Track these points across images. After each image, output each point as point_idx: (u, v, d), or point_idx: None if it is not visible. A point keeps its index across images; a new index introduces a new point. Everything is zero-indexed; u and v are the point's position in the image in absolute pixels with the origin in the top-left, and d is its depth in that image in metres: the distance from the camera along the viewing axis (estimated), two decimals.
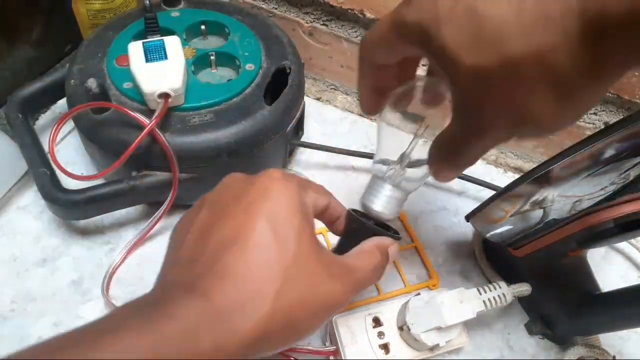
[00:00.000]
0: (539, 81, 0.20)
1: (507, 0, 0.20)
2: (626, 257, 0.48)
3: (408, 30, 0.23)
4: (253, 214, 0.24)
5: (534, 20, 0.19)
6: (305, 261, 0.24)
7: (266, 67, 0.46)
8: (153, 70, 0.39)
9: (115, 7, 0.51)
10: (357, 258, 0.28)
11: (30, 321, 0.39)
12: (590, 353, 0.38)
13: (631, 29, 0.18)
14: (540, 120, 0.21)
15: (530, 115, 0.21)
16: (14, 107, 0.45)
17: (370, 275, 0.28)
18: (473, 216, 0.39)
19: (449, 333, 0.36)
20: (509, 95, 0.21)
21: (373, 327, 0.37)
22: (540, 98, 0.21)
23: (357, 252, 0.29)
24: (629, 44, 0.18)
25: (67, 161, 0.49)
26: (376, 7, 0.49)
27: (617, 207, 0.33)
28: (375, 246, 0.29)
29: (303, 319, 0.23)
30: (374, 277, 0.29)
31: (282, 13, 0.55)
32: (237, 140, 0.41)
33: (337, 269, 0.25)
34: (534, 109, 0.21)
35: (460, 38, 0.21)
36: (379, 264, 0.29)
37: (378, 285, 0.43)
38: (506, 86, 0.21)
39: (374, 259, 0.28)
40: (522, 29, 0.20)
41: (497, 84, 0.21)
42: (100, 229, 0.45)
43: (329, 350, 0.37)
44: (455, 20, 0.21)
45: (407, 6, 0.23)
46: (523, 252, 0.40)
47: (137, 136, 0.37)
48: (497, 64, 0.20)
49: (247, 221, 0.23)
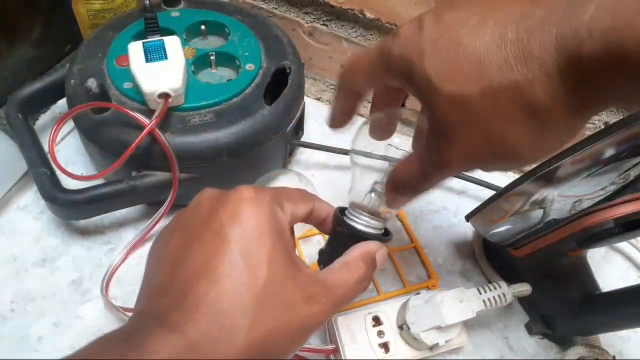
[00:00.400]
0: (516, 112, 0.21)
1: (491, 32, 0.21)
2: (626, 257, 0.48)
3: (392, 61, 0.24)
4: (222, 240, 0.23)
5: (515, 54, 0.20)
6: (278, 286, 0.23)
7: (266, 67, 0.46)
8: (153, 70, 0.39)
9: (115, 7, 0.51)
10: (339, 272, 0.27)
11: (30, 321, 0.39)
12: (590, 353, 0.38)
13: (609, 69, 0.18)
14: (516, 150, 0.22)
15: (506, 146, 0.22)
16: (14, 107, 0.45)
17: (353, 289, 0.27)
18: (473, 216, 0.39)
19: (448, 332, 0.36)
20: (486, 125, 0.21)
21: (373, 326, 0.37)
22: (517, 129, 0.21)
23: (340, 264, 0.28)
24: (607, 84, 0.19)
25: (67, 161, 0.49)
26: (376, 7, 0.49)
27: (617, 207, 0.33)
28: (360, 257, 0.28)
29: (280, 346, 0.23)
30: (357, 290, 0.27)
31: (282, 13, 0.55)
32: (237, 140, 0.41)
33: (315, 288, 0.25)
34: (510, 139, 0.21)
35: (442, 68, 0.22)
36: (363, 275, 0.27)
37: (377, 286, 0.43)
38: (484, 115, 0.21)
39: (358, 271, 0.27)
40: (503, 61, 0.20)
41: (475, 113, 0.21)
42: (100, 229, 0.45)
43: (328, 349, 0.37)
44: (438, 52, 0.22)
45: (393, 39, 0.24)
46: (523, 252, 0.40)
47: (137, 136, 0.37)
48: (476, 93, 0.21)
49: (216, 249, 0.23)
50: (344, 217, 0.30)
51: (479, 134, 0.22)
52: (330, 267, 0.27)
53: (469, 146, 0.23)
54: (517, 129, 0.21)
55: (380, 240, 0.30)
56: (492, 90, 0.20)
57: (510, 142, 0.22)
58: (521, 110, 0.20)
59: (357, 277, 0.27)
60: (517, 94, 0.20)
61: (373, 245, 0.29)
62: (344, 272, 0.27)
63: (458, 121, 0.22)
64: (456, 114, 0.22)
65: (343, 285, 0.26)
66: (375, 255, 0.29)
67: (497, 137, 0.22)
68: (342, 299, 0.26)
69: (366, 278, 0.28)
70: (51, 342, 0.38)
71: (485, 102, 0.21)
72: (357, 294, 0.27)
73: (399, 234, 0.48)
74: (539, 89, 0.20)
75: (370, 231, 0.30)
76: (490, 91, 0.21)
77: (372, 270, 0.28)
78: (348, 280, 0.27)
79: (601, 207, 0.33)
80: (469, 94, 0.21)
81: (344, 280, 0.26)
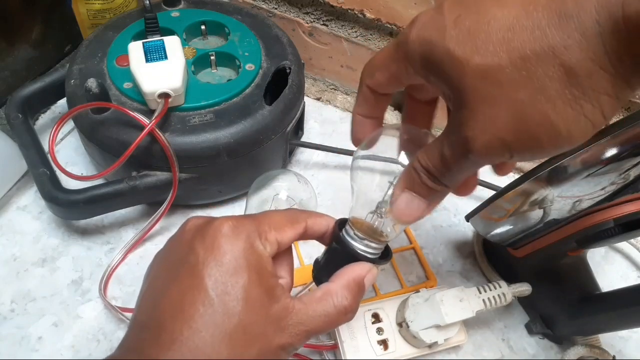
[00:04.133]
0: (553, 81, 0.19)
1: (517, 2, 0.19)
2: (626, 257, 0.48)
3: (410, 48, 0.22)
4: (197, 278, 0.23)
5: (548, 16, 0.18)
6: (253, 322, 0.23)
7: (266, 67, 0.46)
8: (153, 70, 0.39)
9: (115, 7, 0.51)
10: (321, 302, 0.26)
11: (30, 321, 0.39)
12: (590, 353, 0.38)
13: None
14: (552, 127, 0.19)
15: (541, 120, 0.19)
16: (14, 107, 0.45)
17: (333, 320, 0.26)
18: (473, 216, 0.39)
19: (447, 331, 0.36)
20: (519, 97, 0.19)
21: (372, 323, 0.37)
22: (554, 101, 0.19)
23: (323, 293, 0.26)
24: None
25: (67, 161, 0.49)
26: (376, 7, 0.49)
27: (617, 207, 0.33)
28: (347, 286, 0.26)
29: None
30: (339, 322, 0.26)
31: (282, 13, 0.55)
32: (237, 140, 0.41)
33: (289, 321, 0.24)
34: (546, 112, 0.19)
35: (465, 39, 0.20)
36: (348, 307, 0.26)
37: (376, 286, 0.43)
38: (517, 87, 0.19)
39: (342, 302, 0.26)
40: (535, 26, 0.18)
41: (506, 85, 0.19)
42: (100, 229, 0.45)
43: (327, 345, 0.38)
44: (460, 24, 0.20)
45: (411, 26, 0.23)
46: (523, 252, 0.40)
47: (137, 136, 0.37)
48: (507, 63, 0.19)
49: (192, 287, 0.23)
50: (341, 235, 0.28)
51: (511, 109, 0.20)
52: (313, 294, 0.26)
53: (498, 123, 0.20)
54: (554, 100, 0.19)
55: (377, 264, 0.28)
56: (524, 59, 0.19)
57: (546, 116, 0.19)
58: (559, 78, 0.18)
59: (340, 310, 0.26)
60: (553, 61, 0.18)
61: (364, 269, 0.27)
62: (325, 303, 0.26)
63: (487, 96, 0.20)
64: (484, 87, 0.20)
65: (322, 317, 0.25)
66: (364, 280, 0.27)
67: (532, 110, 0.19)
68: (318, 331, 0.25)
69: (351, 310, 0.26)
70: (51, 342, 0.38)
71: (517, 72, 0.19)
72: (339, 324, 0.27)
73: None
74: (577, 52, 0.18)
75: (368, 255, 0.28)
76: (522, 60, 0.19)
77: (358, 299, 0.27)
78: (329, 312, 0.26)
79: (601, 207, 0.33)
80: (499, 64, 0.19)
81: (324, 312, 0.25)
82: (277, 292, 0.25)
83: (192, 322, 0.22)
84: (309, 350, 0.38)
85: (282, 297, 0.25)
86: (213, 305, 0.22)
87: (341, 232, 0.28)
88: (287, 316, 0.24)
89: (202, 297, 0.23)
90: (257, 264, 0.24)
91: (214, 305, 0.22)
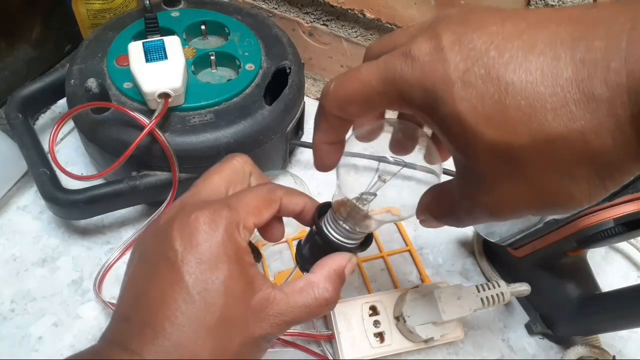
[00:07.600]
0: (580, 165, 0.17)
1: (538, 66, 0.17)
2: (626, 257, 0.48)
3: (409, 91, 0.20)
4: (177, 274, 0.23)
5: (574, 96, 0.17)
6: (234, 315, 0.23)
7: (266, 67, 0.46)
8: (153, 70, 0.39)
9: (115, 7, 0.51)
10: (301, 293, 0.26)
11: (30, 321, 0.39)
12: (590, 353, 0.38)
13: None
14: (571, 201, 0.19)
15: (561, 197, 0.19)
16: (14, 107, 0.46)
17: (313, 311, 0.26)
18: None
19: (444, 327, 0.36)
20: (539, 178, 0.18)
21: (369, 316, 0.37)
22: (576, 182, 0.18)
23: (305, 283, 0.26)
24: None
25: (67, 161, 0.49)
26: (376, 7, 0.49)
27: (617, 207, 0.33)
28: (328, 277, 0.27)
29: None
30: (319, 312, 0.27)
31: (282, 13, 0.55)
32: (237, 140, 0.41)
33: (269, 311, 0.25)
34: (568, 190, 0.18)
35: (479, 107, 0.18)
36: (329, 299, 0.26)
37: (370, 288, 0.43)
38: (536, 168, 0.18)
39: (323, 294, 0.26)
40: (559, 105, 0.17)
41: (524, 165, 0.18)
42: (100, 229, 0.45)
43: (324, 334, 0.38)
44: (471, 86, 0.18)
45: (406, 62, 0.20)
46: (523, 252, 0.40)
47: (137, 136, 0.37)
48: (527, 143, 0.17)
49: (172, 283, 0.23)
50: (321, 224, 0.28)
51: (529, 188, 0.19)
52: (295, 284, 0.26)
53: (515, 200, 0.20)
54: (579, 182, 0.18)
55: (355, 252, 0.28)
56: (547, 141, 0.17)
57: (567, 195, 0.18)
58: (587, 163, 0.17)
59: (321, 302, 0.26)
60: (582, 146, 0.17)
61: (344, 259, 0.28)
62: (306, 295, 0.26)
63: (505, 173, 0.19)
64: (500, 165, 0.19)
65: (302, 308, 0.26)
66: (344, 270, 0.28)
67: (552, 191, 0.19)
68: (298, 321, 0.26)
69: (332, 302, 0.27)
70: (51, 342, 0.38)
71: (537, 153, 0.18)
72: (319, 315, 0.27)
73: (393, 236, 0.48)
74: (607, 138, 0.16)
75: (347, 244, 0.28)
76: (545, 141, 0.17)
77: (339, 289, 0.27)
78: (309, 304, 0.26)
79: (601, 207, 0.33)
80: (518, 143, 0.18)
81: (305, 303, 0.26)
82: (257, 282, 0.25)
83: (174, 318, 0.22)
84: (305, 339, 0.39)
85: (264, 287, 0.25)
86: (194, 302, 0.23)
87: (321, 222, 0.28)
88: (268, 307, 0.25)
89: (184, 295, 0.23)
90: (236, 256, 0.24)
91: (195, 302, 0.23)
